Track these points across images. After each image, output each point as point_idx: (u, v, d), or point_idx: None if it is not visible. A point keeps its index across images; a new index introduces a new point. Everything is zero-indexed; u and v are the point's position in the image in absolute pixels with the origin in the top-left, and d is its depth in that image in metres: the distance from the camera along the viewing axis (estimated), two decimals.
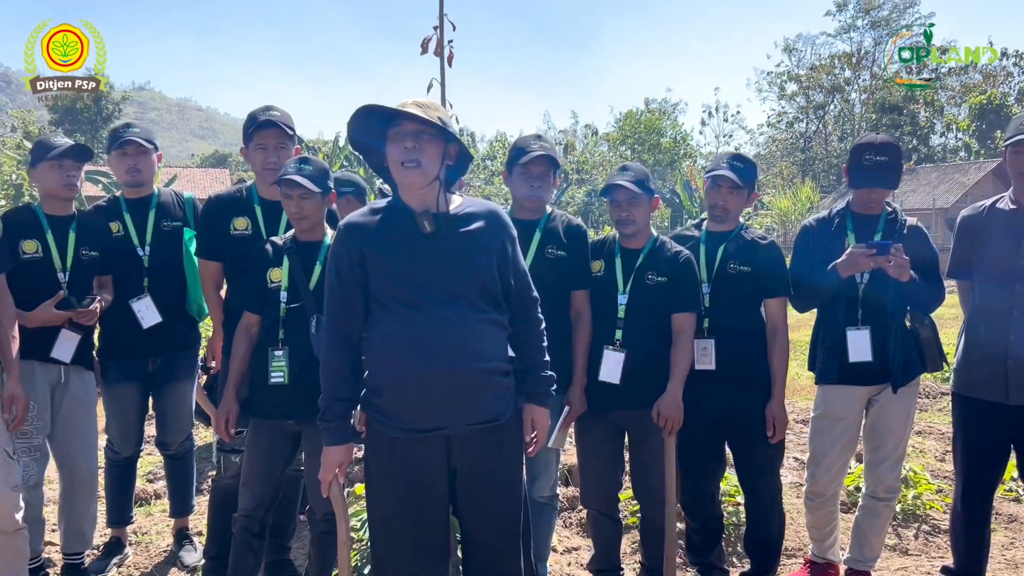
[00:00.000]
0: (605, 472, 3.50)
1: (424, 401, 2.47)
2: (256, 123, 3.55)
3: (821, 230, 3.68)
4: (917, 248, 3.51)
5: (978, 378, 3.43)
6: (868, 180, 3.50)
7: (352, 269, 2.51)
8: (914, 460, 5.79)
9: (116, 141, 3.88)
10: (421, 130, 2.45)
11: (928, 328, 3.57)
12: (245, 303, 3.30)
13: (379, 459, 2.56)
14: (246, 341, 3.26)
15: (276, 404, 3.18)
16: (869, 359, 3.49)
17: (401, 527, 2.53)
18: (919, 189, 39.74)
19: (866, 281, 3.50)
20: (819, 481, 3.67)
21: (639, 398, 3.33)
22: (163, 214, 3.94)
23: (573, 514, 4.71)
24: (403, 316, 2.46)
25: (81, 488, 3.76)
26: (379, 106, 2.49)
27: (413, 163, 2.45)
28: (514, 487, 2.64)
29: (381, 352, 2.51)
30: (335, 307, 2.55)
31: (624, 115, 58.58)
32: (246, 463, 3.30)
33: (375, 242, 2.50)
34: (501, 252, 2.58)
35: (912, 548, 4.43)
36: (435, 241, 2.49)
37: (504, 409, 2.58)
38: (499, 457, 2.58)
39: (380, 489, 2.58)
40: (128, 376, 3.87)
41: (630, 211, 3.38)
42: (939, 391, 8.26)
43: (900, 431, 3.62)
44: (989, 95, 44.97)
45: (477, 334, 2.50)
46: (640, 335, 3.35)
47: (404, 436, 2.49)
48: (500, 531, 2.61)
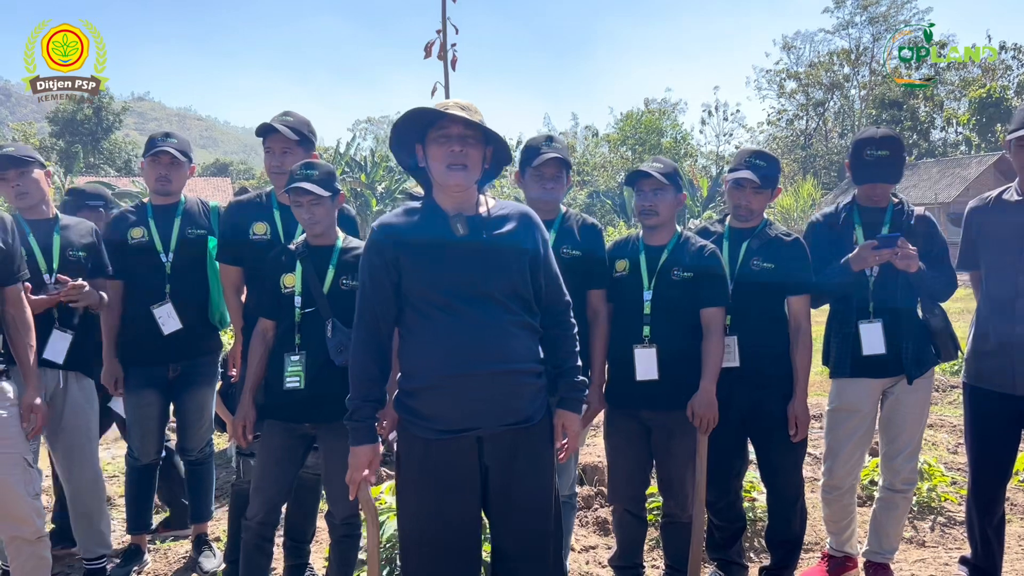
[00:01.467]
0: (633, 471, 3.49)
1: (457, 402, 2.48)
2: (263, 129, 3.62)
3: (828, 225, 3.70)
4: (925, 238, 3.53)
5: (987, 368, 3.44)
6: (870, 175, 3.53)
7: (385, 270, 2.52)
8: (928, 452, 5.79)
9: (151, 148, 3.91)
10: (467, 134, 2.47)
11: (939, 318, 3.59)
12: (260, 309, 3.33)
13: (411, 460, 2.57)
14: (262, 347, 3.28)
15: (292, 407, 3.19)
16: (883, 351, 3.50)
17: (431, 528, 2.53)
18: (920, 184, 39.67)
19: (876, 274, 3.51)
20: (836, 475, 3.68)
21: (669, 398, 3.30)
22: (188, 222, 3.98)
23: (589, 513, 4.72)
24: (435, 318, 2.48)
25: (87, 493, 3.76)
26: (430, 109, 2.50)
27: (460, 167, 2.47)
28: (546, 488, 2.65)
29: (414, 354, 2.53)
30: (367, 308, 2.56)
31: (624, 116, 58.58)
32: (258, 467, 3.30)
33: (408, 244, 2.52)
34: (533, 254, 2.60)
35: (929, 540, 4.43)
36: (468, 243, 2.51)
37: (537, 410, 2.60)
38: (531, 457, 2.59)
39: (412, 490, 2.58)
40: (149, 383, 3.89)
41: (655, 202, 3.35)
42: (949, 384, 8.27)
43: (916, 423, 3.63)
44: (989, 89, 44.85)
45: (509, 336, 2.51)
46: (668, 331, 3.33)
47: (437, 437, 2.50)
48: (531, 531, 2.62)
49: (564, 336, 2.72)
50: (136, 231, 3.90)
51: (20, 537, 3.12)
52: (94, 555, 3.85)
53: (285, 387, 3.17)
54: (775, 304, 3.52)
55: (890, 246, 3.37)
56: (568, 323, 2.73)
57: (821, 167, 51.65)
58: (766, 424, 3.53)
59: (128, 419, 4.02)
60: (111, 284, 3.90)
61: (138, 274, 3.88)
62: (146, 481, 4.13)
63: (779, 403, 3.49)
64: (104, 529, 3.89)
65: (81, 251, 3.75)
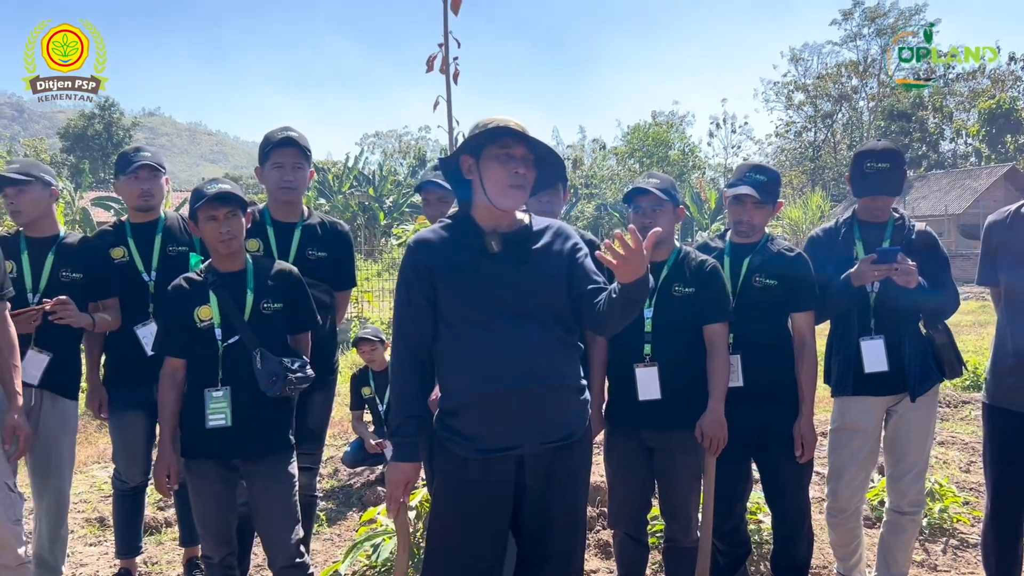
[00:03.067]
0: (634, 494, 3.40)
1: (497, 420, 2.46)
2: (273, 142, 3.55)
3: (829, 240, 3.65)
4: (926, 253, 3.47)
5: (1006, 388, 3.34)
6: (871, 188, 3.48)
7: (421, 285, 2.50)
8: (939, 472, 5.67)
9: (128, 165, 3.82)
10: (529, 156, 2.47)
11: (943, 334, 3.53)
12: (167, 348, 3.08)
13: (450, 478, 2.54)
14: (174, 389, 3.06)
15: (218, 444, 3.01)
16: (885, 369, 3.44)
17: (463, 545, 2.52)
18: (930, 195, 39.54)
19: (877, 290, 3.46)
20: (840, 496, 3.59)
21: (671, 418, 3.22)
22: (169, 239, 3.88)
23: (591, 535, 4.61)
24: (471, 336, 2.46)
25: (46, 513, 3.65)
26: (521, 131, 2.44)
27: (521, 188, 2.47)
28: (579, 506, 2.66)
29: (452, 372, 2.52)
30: (405, 324, 2.55)
31: (632, 129, 58.69)
32: (199, 508, 3.09)
33: (443, 259, 2.50)
34: (570, 267, 2.56)
35: (941, 564, 4.31)
36: (502, 260, 2.49)
37: (577, 426, 2.57)
38: (568, 474, 2.57)
39: (449, 507, 2.56)
40: (134, 404, 3.79)
41: (654, 218, 3.26)
42: (960, 400, 8.14)
43: (921, 442, 3.55)
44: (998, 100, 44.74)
45: (548, 352, 2.49)
46: (670, 349, 3.24)
47: (478, 456, 2.48)
48: (566, 549, 2.61)
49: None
50: (116, 251, 3.82)
51: (1, 564, 3.04)
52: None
53: (208, 425, 2.98)
54: (778, 321, 3.43)
55: (889, 261, 3.30)
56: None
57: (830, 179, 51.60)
58: (771, 444, 3.43)
59: (114, 441, 3.93)
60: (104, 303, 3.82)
61: (120, 294, 3.79)
62: (135, 504, 4.04)
63: (784, 423, 3.40)
64: (58, 554, 3.78)
65: (77, 272, 3.67)
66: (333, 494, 5.57)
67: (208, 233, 3.03)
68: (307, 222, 3.70)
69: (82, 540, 4.86)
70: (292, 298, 3.18)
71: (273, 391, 2.98)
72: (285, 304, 3.14)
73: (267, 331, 3.06)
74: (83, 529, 5.03)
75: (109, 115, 62.38)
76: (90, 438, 7.35)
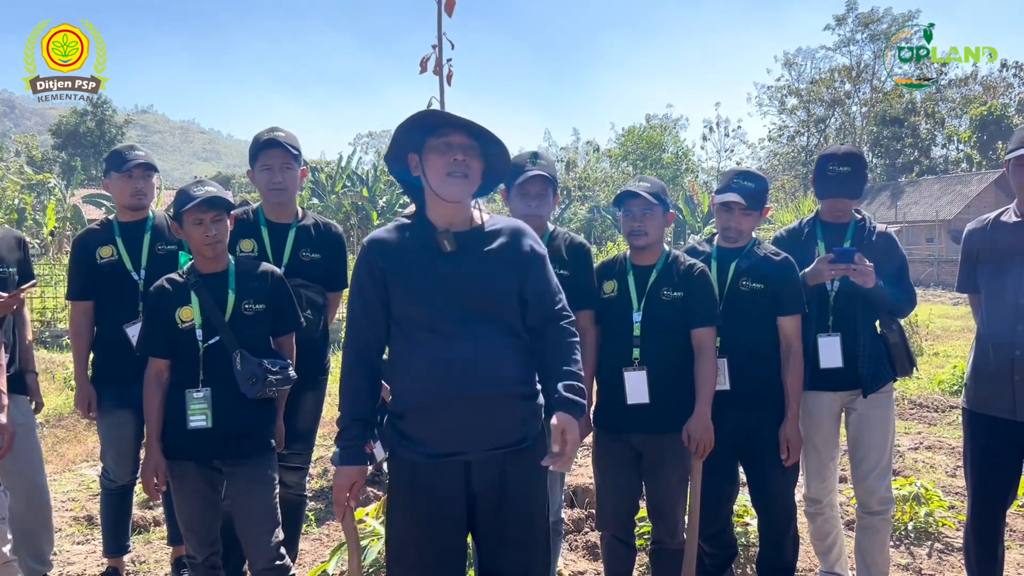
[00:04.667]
0: (622, 496, 3.40)
1: (445, 425, 2.41)
2: (260, 144, 3.53)
3: (792, 240, 3.73)
4: (885, 254, 3.54)
5: (986, 394, 3.38)
6: (832, 190, 3.57)
7: (374, 287, 2.45)
8: (925, 476, 5.71)
9: (123, 163, 3.81)
10: (470, 144, 2.41)
11: (896, 334, 3.59)
12: (150, 349, 3.08)
13: (400, 483, 2.51)
14: (159, 390, 3.06)
15: (199, 446, 3.01)
16: (840, 365, 3.51)
17: (417, 552, 2.48)
18: (921, 201, 39.71)
19: (836, 288, 3.53)
20: (811, 487, 3.69)
21: (660, 422, 3.22)
22: (158, 237, 3.87)
23: (579, 537, 4.62)
24: (423, 338, 2.41)
25: (25, 511, 3.64)
26: (437, 112, 2.44)
27: (460, 175, 2.40)
28: (535, 513, 2.56)
29: (400, 376, 2.47)
30: (356, 325, 2.50)
31: (626, 131, 58.75)
32: (184, 509, 3.10)
33: (396, 260, 2.45)
34: (525, 269, 2.51)
35: (926, 567, 4.33)
36: (456, 260, 2.43)
37: (527, 433, 2.51)
38: (522, 482, 2.50)
39: (399, 512, 2.52)
40: (122, 402, 3.77)
41: (643, 222, 3.28)
42: (948, 404, 8.18)
43: (882, 440, 3.60)
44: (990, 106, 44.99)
45: (499, 356, 2.43)
46: (658, 353, 3.24)
47: (425, 460, 2.44)
48: (521, 558, 2.54)
49: (565, 344, 2.56)
50: (105, 250, 3.80)
51: None
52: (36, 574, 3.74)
53: (189, 426, 2.98)
54: (765, 325, 3.44)
55: (846, 260, 3.37)
56: (566, 332, 2.58)
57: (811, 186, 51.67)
58: (757, 448, 3.45)
59: (102, 440, 3.92)
60: (81, 305, 3.82)
61: (109, 293, 3.77)
62: (122, 503, 4.03)
63: (770, 426, 3.41)
64: (44, 547, 3.78)
65: (12, 267, 3.65)
66: (322, 494, 5.57)
67: (194, 237, 3.03)
68: (301, 223, 3.69)
69: (70, 539, 4.84)
70: (275, 299, 3.18)
71: (253, 392, 2.98)
72: (268, 305, 3.14)
73: (248, 332, 3.06)
74: (71, 528, 5.01)
75: (101, 112, 62.20)
76: (79, 436, 7.33)
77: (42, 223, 29.35)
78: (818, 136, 57.64)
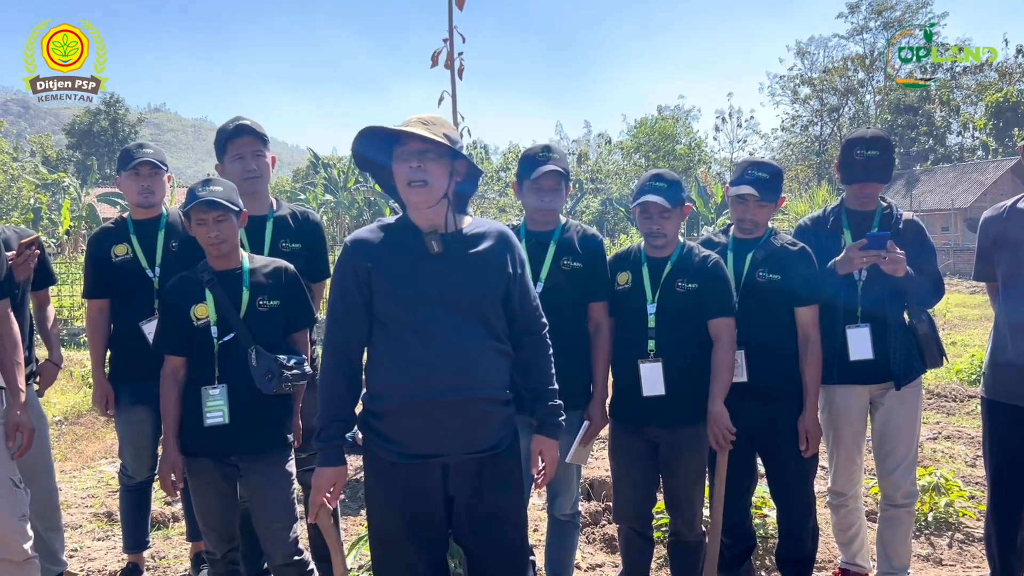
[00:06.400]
0: (639, 489, 3.40)
1: (423, 428, 2.42)
2: (228, 132, 3.47)
3: (817, 229, 3.67)
4: (914, 243, 3.48)
5: (1004, 382, 3.36)
6: (860, 175, 3.49)
7: (358, 287, 2.46)
8: (944, 466, 5.67)
9: (129, 162, 3.82)
10: (426, 149, 2.39)
11: (925, 324, 3.54)
12: (166, 347, 3.09)
13: (378, 482, 2.53)
14: (176, 388, 3.06)
15: (216, 442, 3.01)
16: (870, 357, 3.45)
17: (398, 551, 2.50)
18: (937, 189, 39.40)
19: (864, 278, 3.47)
20: (837, 481, 3.65)
21: (676, 414, 3.22)
22: (172, 234, 3.88)
23: (596, 530, 4.62)
24: (404, 339, 2.42)
25: (37, 508, 3.57)
26: (381, 127, 2.45)
27: (419, 183, 2.40)
28: (513, 515, 2.59)
29: (381, 376, 2.47)
30: (337, 326, 2.50)
31: (638, 123, 58.53)
32: (202, 505, 3.12)
33: (381, 260, 2.45)
34: (509, 275, 2.52)
35: (946, 558, 4.31)
36: (442, 262, 2.44)
37: (503, 438, 2.53)
38: (497, 486, 2.52)
39: (379, 512, 2.55)
40: (140, 399, 3.79)
41: (662, 225, 3.27)
42: (967, 394, 8.13)
43: (910, 433, 3.56)
44: (1005, 93, 44.52)
45: (478, 360, 2.44)
46: (674, 345, 3.23)
47: (402, 460, 2.45)
48: (502, 560, 2.56)
49: (540, 358, 2.64)
50: (119, 248, 3.81)
51: (6, 559, 3.05)
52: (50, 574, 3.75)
53: (206, 423, 2.99)
54: (782, 316, 3.41)
55: (879, 246, 3.30)
56: (544, 345, 2.65)
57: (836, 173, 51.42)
58: (776, 439, 3.43)
59: (120, 437, 3.95)
60: (97, 303, 3.83)
61: (124, 291, 3.79)
62: (141, 499, 4.05)
63: (789, 417, 3.39)
64: (57, 547, 3.80)
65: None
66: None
67: (199, 236, 3.05)
68: (278, 214, 3.62)
69: (90, 535, 4.88)
70: (289, 296, 3.17)
71: (269, 388, 2.98)
72: (282, 302, 3.14)
73: (263, 329, 3.06)
74: (91, 524, 5.05)
75: (115, 111, 62.51)
76: (97, 433, 7.37)
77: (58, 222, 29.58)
78: (831, 125, 57.24)
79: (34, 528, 3.61)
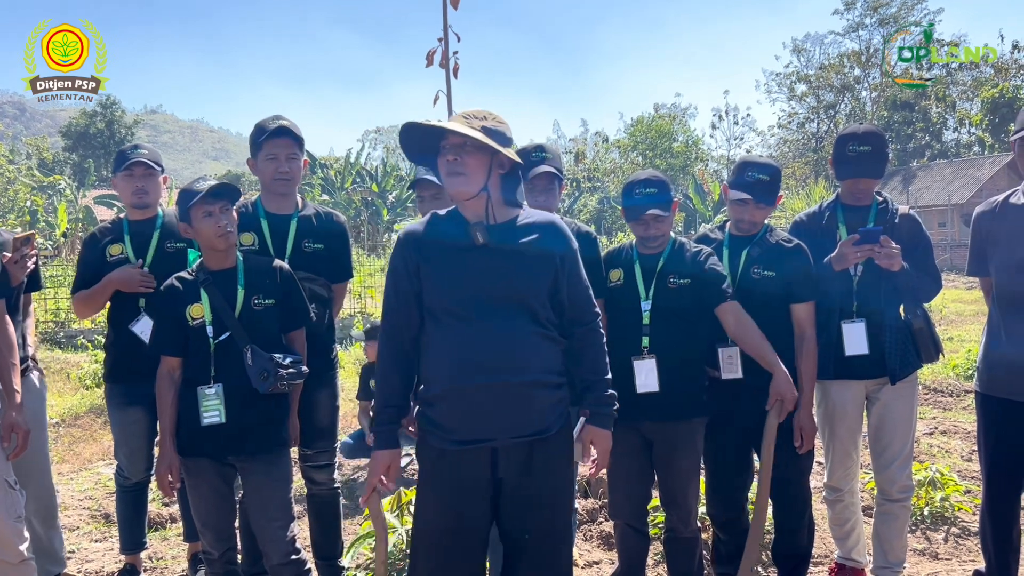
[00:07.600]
0: (634, 485, 3.41)
1: (470, 413, 2.49)
2: (266, 132, 3.45)
3: (812, 225, 3.68)
4: (910, 237, 3.49)
5: (998, 376, 3.37)
6: (853, 171, 3.50)
7: (408, 278, 2.55)
8: (940, 461, 5.69)
9: (123, 163, 3.82)
10: (463, 142, 2.47)
11: (921, 319, 3.54)
12: (162, 347, 3.11)
13: (427, 469, 2.60)
14: (171, 388, 3.08)
15: (213, 442, 3.03)
16: (865, 352, 3.47)
17: (440, 538, 2.54)
18: (933, 185, 39.45)
19: (860, 273, 3.48)
20: (833, 476, 3.67)
21: (670, 410, 3.24)
22: (167, 235, 3.87)
23: (593, 527, 4.63)
24: (452, 328, 2.49)
25: (35, 508, 3.63)
26: (422, 123, 2.54)
27: (456, 175, 2.48)
28: (559, 500, 2.65)
29: (431, 364, 2.55)
30: (391, 315, 2.60)
31: (635, 121, 58.57)
32: (200, 505, 3.13)
33: (429, 252, 2.54)
34: (558, 264, 2.57)
35: (942, 552, 4.32)
36: (487, 252, 2.51)
37: (553, 422, 2.57)
38: (545, 470, 2.57)
39: (425, 498, 2.61)
40: (134, 400, 3.78)
41: (658, 227, 3.30)
42: (963, 389, 8.14)
43: (906, 429, 3.57)
44: (1001, 88, 44.54)
45: (525, 346, 2.50)
46: (668, 340, 3.25)
47: (452, 447, 2.50)
48: (544, 545, 2.61)
49: (591, 348, 2.68)
50: (114, 248, 3.81)
51: (2, 561, 3.06)
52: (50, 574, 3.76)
53: (203, 423, 3.00)
54: (777, 313, 3.42)
55: (872, 241, 3.32)
56: (595, 335, 2.69)
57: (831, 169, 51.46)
58: None
59: (115, 438, 3.95)
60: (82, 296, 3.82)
61: (117, 291, 3.77)
62: (137, 500, 4.05)
63: None
64: (57, 547, 3.81)
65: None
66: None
67: (205, 230, 3.03)
68: (302, 213, 3.63)
69: (87, 536, 4.88)
70: (284, 295, 3.18)
71: (265, 387, 2.99)
72: (277, 301, 3.15)
73: (259, 328, 3.07)
74: (88, 525, 5.06)
75: (111, 113, 62.42)
76: (95, 435, 7.38)
77: (54, 225, 29.55)
78: (828, 122, 57.29)
79: (34, 528, 3.63)
